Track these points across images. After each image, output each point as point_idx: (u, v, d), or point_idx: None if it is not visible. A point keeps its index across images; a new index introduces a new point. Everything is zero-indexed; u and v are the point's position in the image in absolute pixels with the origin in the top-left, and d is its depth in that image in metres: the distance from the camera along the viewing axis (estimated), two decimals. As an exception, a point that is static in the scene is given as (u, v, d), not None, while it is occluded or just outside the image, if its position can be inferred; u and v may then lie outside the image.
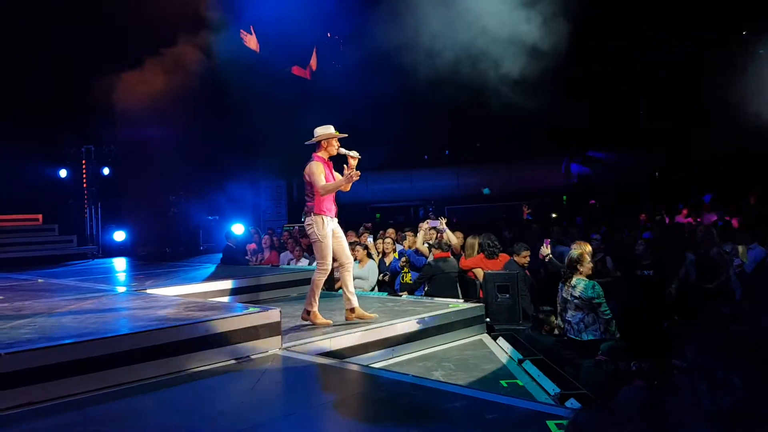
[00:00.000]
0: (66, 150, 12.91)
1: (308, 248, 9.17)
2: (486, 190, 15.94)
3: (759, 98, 11.30)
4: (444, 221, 7.53)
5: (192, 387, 3.56)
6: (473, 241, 7.30)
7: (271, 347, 4.22)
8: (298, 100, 15.25)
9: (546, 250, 6.71)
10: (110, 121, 11.86)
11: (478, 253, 7.23)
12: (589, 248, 6.16)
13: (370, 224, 10.86)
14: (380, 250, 8.06)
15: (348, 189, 5.06)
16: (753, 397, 0.37)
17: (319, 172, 4.97)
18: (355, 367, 3.97)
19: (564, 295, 5.87)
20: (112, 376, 3.47)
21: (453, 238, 7.53)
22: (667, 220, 11.35)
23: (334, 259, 5.16)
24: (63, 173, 13.28)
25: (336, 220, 5.17)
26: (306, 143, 5.21)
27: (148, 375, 3.60)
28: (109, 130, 12.44)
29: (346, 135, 5.23)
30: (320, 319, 5.05)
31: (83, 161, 12.90)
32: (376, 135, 13.57)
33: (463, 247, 7.55)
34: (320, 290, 5.10)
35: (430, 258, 7.36)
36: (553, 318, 5.92)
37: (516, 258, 6.87)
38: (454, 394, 3.41)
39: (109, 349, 3.50)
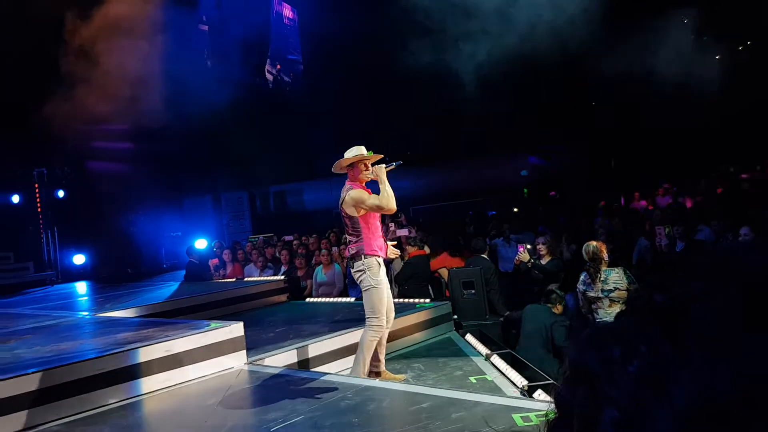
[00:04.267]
0: (17, 174, 12.47)
1: (272, 259, 9.05)
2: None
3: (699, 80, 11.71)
4: (414, 230, 7.54)
5: (154, 410, 3.47)
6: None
7: (235, 363, 4.16)
8: (256, 108, 15.09)
9: (525, 255, 6.02)
10: (61, 142, 11.48)
11: (441, 251, 7.28)
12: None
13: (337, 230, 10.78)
14: (345, 255, 8.04)
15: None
16: (656, 361, 0.40)
17: (364, 194, 4.01)
18: (321, 377, 3.94)
19: (592, 294, 4.94)
20: (69, 406, 3.36)
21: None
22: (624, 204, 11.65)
23: None
24: (15, 199, 12.81)
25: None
26: (334, 171, 4.26)
27: (107, 401, 3.50)
28: (61, 151, 12.05)
29: (381, 156, 4.20)
30: (389, 376, 4.23)
31: (36, 185, 12.49)
32: (336, 139, 13.55)
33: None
34: (372, 352, 4.09)
35: (396, 258, 7.38)
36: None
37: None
38: (421, 394, 3.42)
39: (65, 378, 3.39)
